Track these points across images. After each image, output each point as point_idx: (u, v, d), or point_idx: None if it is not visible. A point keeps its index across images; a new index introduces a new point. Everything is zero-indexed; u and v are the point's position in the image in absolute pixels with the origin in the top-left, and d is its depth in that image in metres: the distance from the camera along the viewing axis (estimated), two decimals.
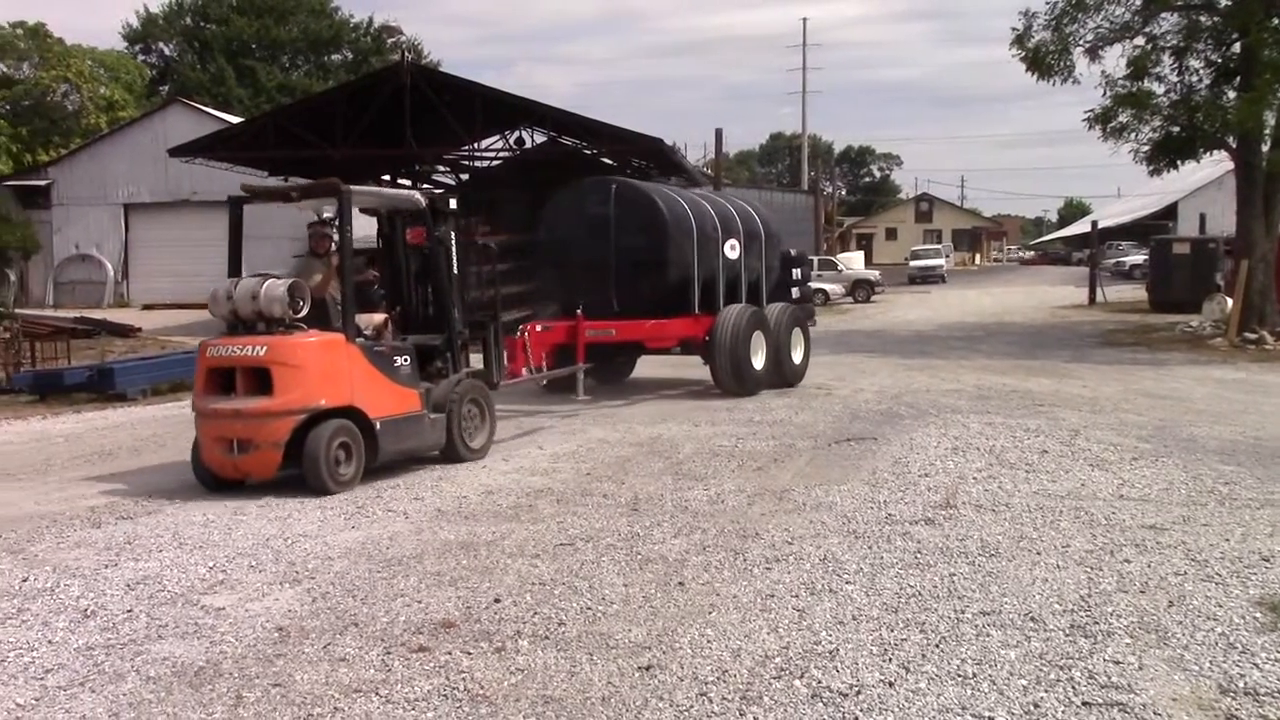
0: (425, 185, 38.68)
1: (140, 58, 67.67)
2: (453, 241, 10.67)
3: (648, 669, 4.98)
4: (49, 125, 52.10)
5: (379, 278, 10.84)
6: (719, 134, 38.85)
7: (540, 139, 34.20)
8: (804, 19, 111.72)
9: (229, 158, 29.58)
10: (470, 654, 5.19)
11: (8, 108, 50.41)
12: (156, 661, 5.13)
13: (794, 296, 17.67)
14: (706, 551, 6.95)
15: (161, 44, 68.83)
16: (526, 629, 5.53)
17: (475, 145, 32.65)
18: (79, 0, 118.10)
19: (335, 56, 70.46)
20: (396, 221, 10.74)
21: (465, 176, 39.03)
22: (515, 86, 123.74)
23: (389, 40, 70.03)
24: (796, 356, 16.26)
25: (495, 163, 36.19)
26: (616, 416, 13.30)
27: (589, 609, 5.84)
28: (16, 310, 30.89)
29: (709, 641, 5.31)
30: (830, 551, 6.89)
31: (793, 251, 35.22)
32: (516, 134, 33.82)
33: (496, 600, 5.98)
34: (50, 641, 5.43)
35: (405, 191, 21.58)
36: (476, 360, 11.15)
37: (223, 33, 65.32)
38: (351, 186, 9.45)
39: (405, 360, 9.73)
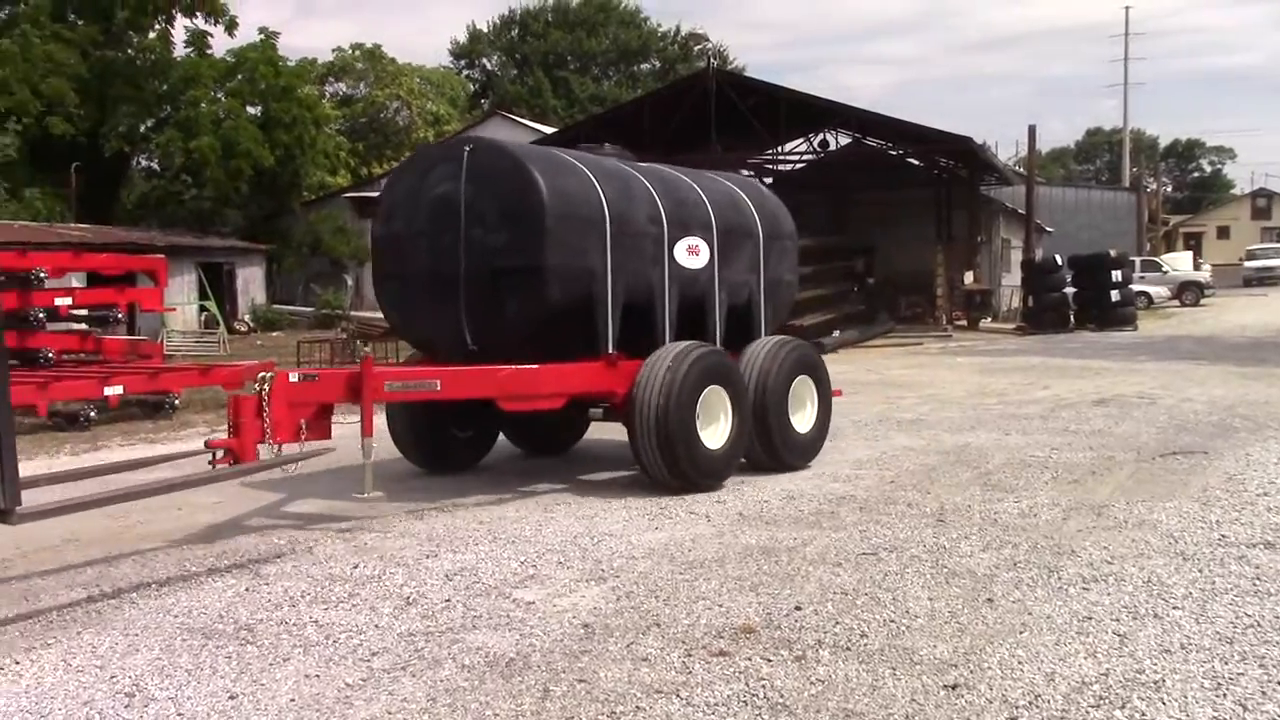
0: None
1: (464, 73, 71.52)
2: None
3: (953, 688, 4.79)
4: (382, 140, 56.06)
5: None
6: (1032, 131, 37.24)
7: (845, 141, 33.92)
8: (1126, 7, 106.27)
9: None
10: (770, 661, 5.15)
11: (347, 125, 54.39)
12: (471, 650, 5.35)
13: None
14: (1017, 568, 6.64)
15: (484, 59, 72.52)
16: (828, 639, 5.44)
17: (779, 149, 32.69)
18: (412, 21, 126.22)
19: (644, 65, 72.32)
20: None
21: (769, 180, 39.17)
22: (821, 89, 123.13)
23: (695, 48, 71.17)
24: (802, 422, 10.30)
25: (799, 166, 36.15)
26: (921, 424, 12.95)
27: (892, 621, 5.68)
28: (352, 313, 33.28)
29: (1020, 663, 5.06)
30: (1155, 573, 6.44)
31: (1112, 252, 33.45)
32: (820, 136, 33.71)
33: (797, 608, 5.92)
34: (376, 626, 5.76)
35: None
36: None
37: (540, 46, 68.23)
38: None
39: None
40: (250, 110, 43.77)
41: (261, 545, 7.59)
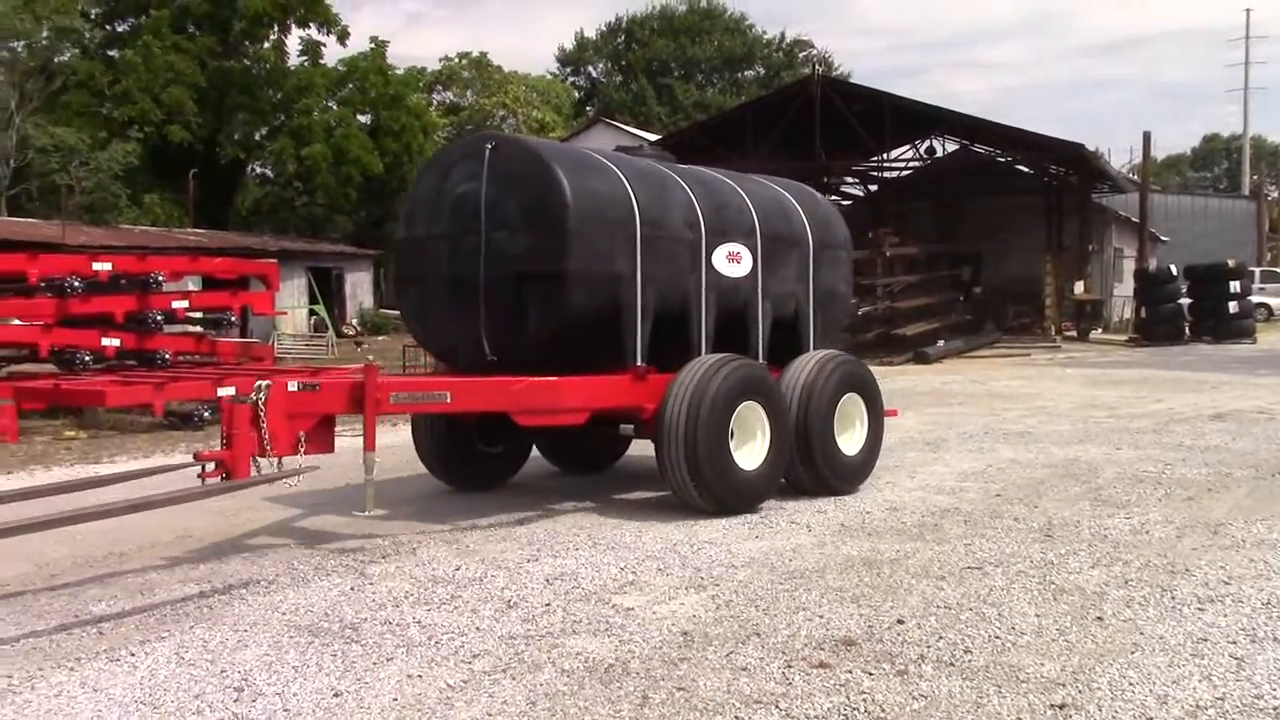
0: (833, 197, 38.87)
1: (569, 80, 72.11)
2: None
3: (1061, 708, 4.68)
4: None
5: None
6: (1147, 137, 36.37)
7: (952, 147, 33.51)
8: (1248, 10, 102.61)
9: None
10: (872, 674, 5.08)
11: (453, 132, 55.20)
12: (570, 655, 5.37)
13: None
14: (1129, 586, 6.47)
15: (589, 67, 73.08)
16: (930, 653, 5.35)
17: (885, 155, 32.40)
18: (519, 30, 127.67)
19: (748, 72, 72.24)
20: None
21: (874, 187, 38.84)
22: (928, 95, 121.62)
23: (800, 54, 70.90)
24: (850, 442, 9.57)
25: (905, 173, 35.79)
26: (1029, 436, 12.69)
27: (997, 638, 5.57)
28: None
29: (1131, 684, 4.92)
30: (1275, 595, 6.22)
31: (1230, 262, 32.50)
32: (927, 143, 33.37)
33: (900, 621, 5.84)
34: (477, 628, 5.81)
35: None
36: None
37: (644, 54, 68.50)
38: None
39: None
40: (360, 118, 44.72)
41: (366, 546, 7.71)
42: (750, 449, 8.72)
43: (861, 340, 28.06)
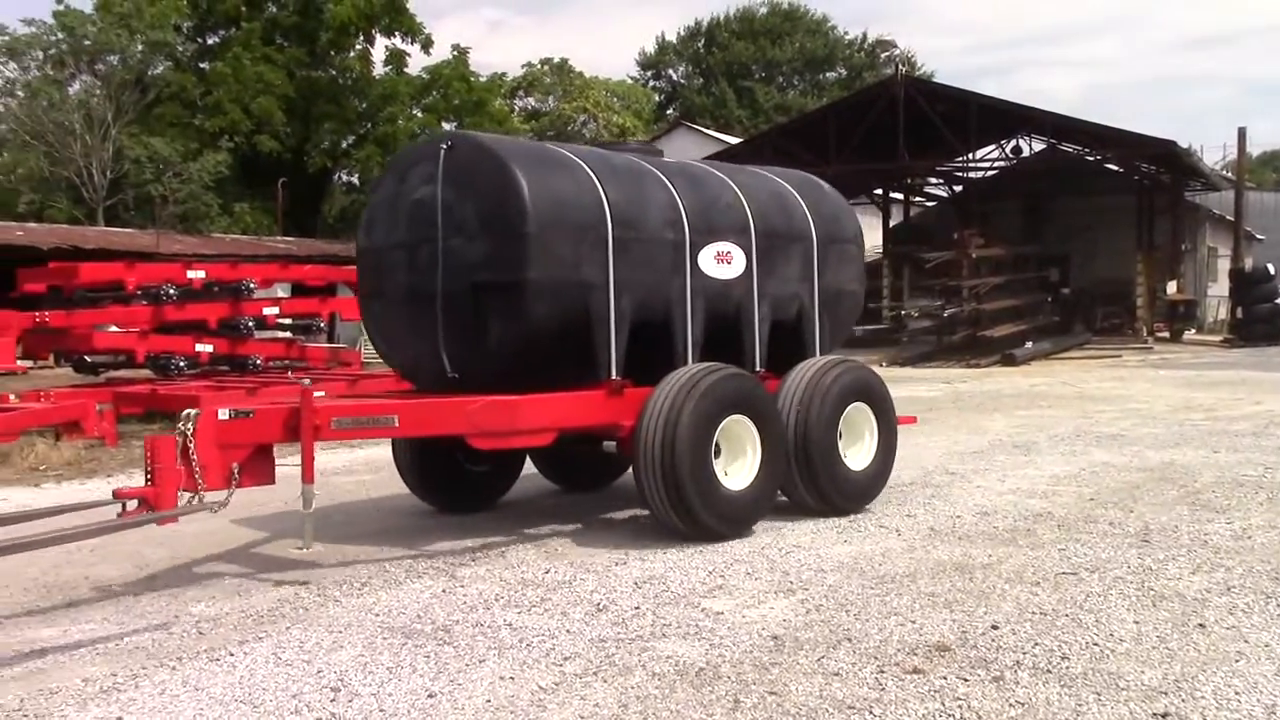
0: (917, 197, 38.50)
1: (650, 84, 72.24)
2: None
3: (1164, 717, 4.57)
4: None
5: None
6: (1242, 133, 35.47)
7: (1039, 147, 33.03)
8: None
9: None
10: (967, 681, 5.01)
11: (535, 138, 55.59)
12: (661, 659, 5.37)
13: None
14: (1231, 592, 6.30)
15: (670, 71, 73.16)
16: (1026, 660, 5.26)
17: (970, 156, 32.00)
18: (599, 35, 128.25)
19: (829, 74, 71.80)
20: None
21: (958, 188, 38.40)
22: (1015, 93, 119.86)
23: (883, 55, 70.31)
24: (857, 457, 8.81)
25: (990, 173, 35.34)
26: (1122, 439, 12.43)
27: (1095, 645, 5.46)
28: None
29: (1236, 694, 4.79)
30: None
31: None
32: (1013, 142, 32.92)
33: (994, 627, 5.75)
34: (568, 631, 5.83)
35: None
36: None
37: (724, 57, 68.41)
38: None
39: None
40: (444, 125, 45.18)
41: (456, 548, 7.79)
42: (738, 467, 7.99)
43: (948, 342, 27.77)
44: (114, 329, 14.71)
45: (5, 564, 6.80)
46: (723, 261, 8.55)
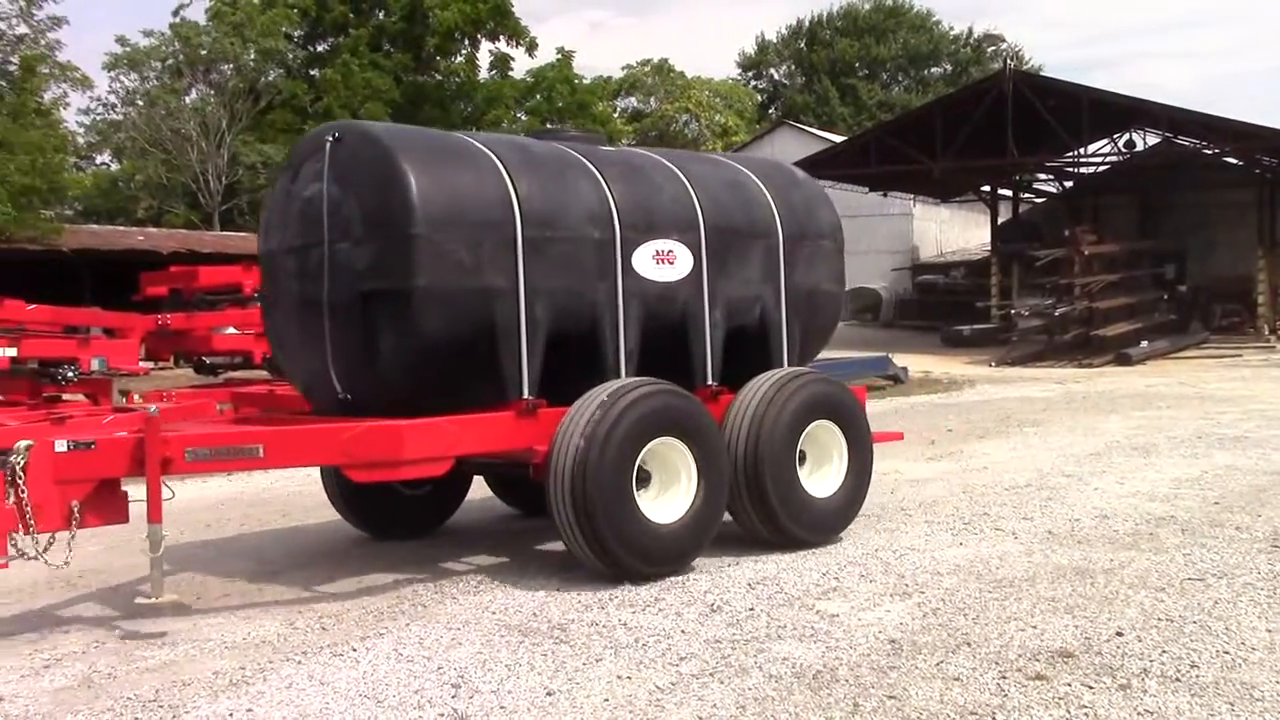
0: (1026, 194, 37.79)
1: (752, 84, 71.96)
2: None
3: None
4: None
5: None
6: None
7: (1153, 140, 32.17)
8: None
9: (833, 175, 30.45)
10: (1092, 688, 4.90)
11: (638, 139, 55.76)
12: (776, 660, 5.35)
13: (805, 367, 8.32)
14: None
15: (772, 70, 72.81)
16: (1154, 668, 5.13)
17: (1080, 151, 31.30)
18: (701, 35, 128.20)
19: (934, 70, 70.82)
20: None
21: (1069, 184, 37.61)
22: (1126, 86, 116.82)
23: (989, 49, 69.13)
24: (821, 482, 7.78)
25: (1102, 168, 34.55)
26: (1246, 441, 12.05)
27: (1226, 653, 5.31)
28: None
29: None
30: None
31: None
32: (1126, 136, 32.07)
33: (1118, 633, 5.62)
34: (683, 631, 5.84)
35: None
36: None
37: (827, 55, 67.89)
38: None
39: None
40: (549, 128, 45.55)
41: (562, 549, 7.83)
42: (670, 497, 7.02)
43: (1059, 342, 27.20)
44: (232, 331, 15.12)
45: (136, 558, 7.05)
46: (663, 262, 7.52)
